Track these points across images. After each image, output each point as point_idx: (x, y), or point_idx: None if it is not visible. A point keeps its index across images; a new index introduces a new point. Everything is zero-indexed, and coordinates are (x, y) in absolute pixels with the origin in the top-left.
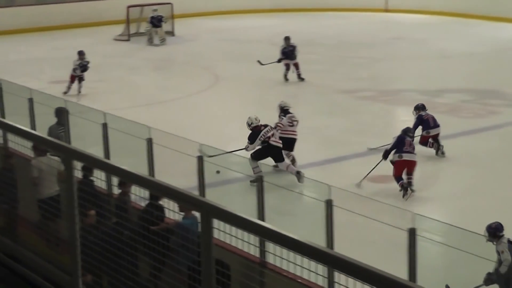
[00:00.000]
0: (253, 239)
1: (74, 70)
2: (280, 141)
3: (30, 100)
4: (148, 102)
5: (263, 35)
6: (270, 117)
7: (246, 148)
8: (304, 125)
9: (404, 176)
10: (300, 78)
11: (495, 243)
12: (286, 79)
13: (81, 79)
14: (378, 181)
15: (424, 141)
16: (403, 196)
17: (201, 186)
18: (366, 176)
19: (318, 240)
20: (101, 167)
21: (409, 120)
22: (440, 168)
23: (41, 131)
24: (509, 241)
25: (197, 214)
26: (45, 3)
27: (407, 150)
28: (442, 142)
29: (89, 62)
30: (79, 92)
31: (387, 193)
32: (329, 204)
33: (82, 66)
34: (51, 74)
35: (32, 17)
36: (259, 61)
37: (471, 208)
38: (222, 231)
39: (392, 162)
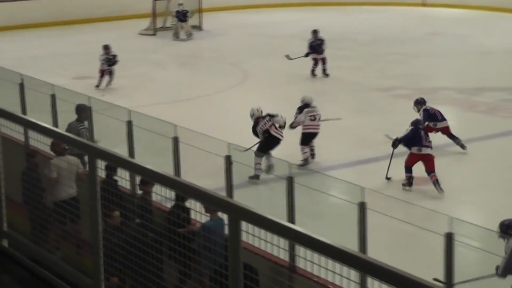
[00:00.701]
0: (283, 242)
1: (102, 64)
2: (281, 132)
3: (53, 97)
4: (174, 99)
5: (294, 30)
6: None
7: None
8: (336, 124)
9: (424, 174)
10: (325, 74)
11: (506, 240)
12: (313, 74)
13: (110, 73)
14: (414, 183)
15: (428, 131)
16: (403, 185)
17: (229, 187)
18: (389, 169)
19: (350, 244)
20: (125, 166)
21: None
22: (474, 169)
23: (64, 129)
24: None
25: (224, 216)
26: None
27: (426, 145)
28: (479, 142)
29: (116, 55)
30: (108, 85)
31: (423, 195)
32: (362, 207)
33: (108, 60)
34: (74, 69)
35: (55, 10)
36: (286, 56)
37: (504, 211)
38: (250, 234)
39: (393, 145)
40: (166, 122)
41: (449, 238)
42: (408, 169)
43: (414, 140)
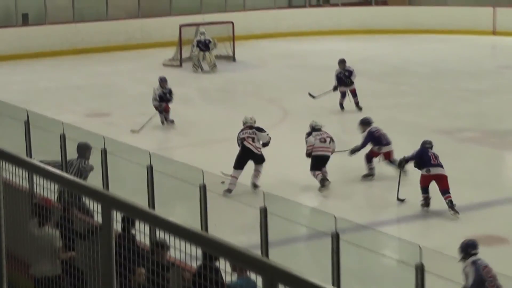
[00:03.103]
0: None
1: (153, 100)
2: (259, 147)
3: (63, 137)
4: (202, 141)
5: None
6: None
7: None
8: (390, 173)
9: (439, 194)
10: (358, 107)
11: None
12: (342, 107)
13: (164, 111)
14: (484, 243)
15: (371, 156)
16: (421, 205)
17: (264, 244)
18: (399, 190)
19: None
20: (144, 218)
21: None
22: None
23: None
24: (475, 261)
25: (256, 277)
26: (82, 21)
27: (435, 164)
28: None
29: (170, 90)
30: (169, 123)
31: (494, 257)
32: (419, 269)
33: (162, 95)
34: (88, 105)
35: (67, 37)
36: (310, 94)
37: None
38: None
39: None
40: (193, 167)
41: None
42: (424, 189)
43: (423, 160)
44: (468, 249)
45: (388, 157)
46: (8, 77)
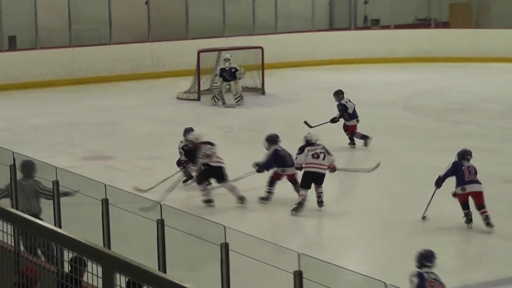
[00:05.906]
0: None
1: (180, 154)
2: (222, 161)
3: (56, 184)
4: (225, 191)
5: (396, 94)
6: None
7: (196, 173)
8: (453, 229)
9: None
10: (349, 144)
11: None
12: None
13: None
14: None
15: (274, 178)
16: (465, 222)
17: None
18: (427, 209)
19: None
20: (153, 283)
21: None
22: None
23: (71, 228)
24: (422, 273)
25: None
26: (80, 45)
27: (469, 180)
28: None
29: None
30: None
31: None
32: None
33: (186, 150)
34: (86, 146)
35: (62, 65)
36: (306, 122)
37: None
38: None
39: (453, 195)
40: (212, 222)
41: None
42: (463, 205)
43: (457, 177)
44: (423, 260)
45: (292, 178)
46: None
